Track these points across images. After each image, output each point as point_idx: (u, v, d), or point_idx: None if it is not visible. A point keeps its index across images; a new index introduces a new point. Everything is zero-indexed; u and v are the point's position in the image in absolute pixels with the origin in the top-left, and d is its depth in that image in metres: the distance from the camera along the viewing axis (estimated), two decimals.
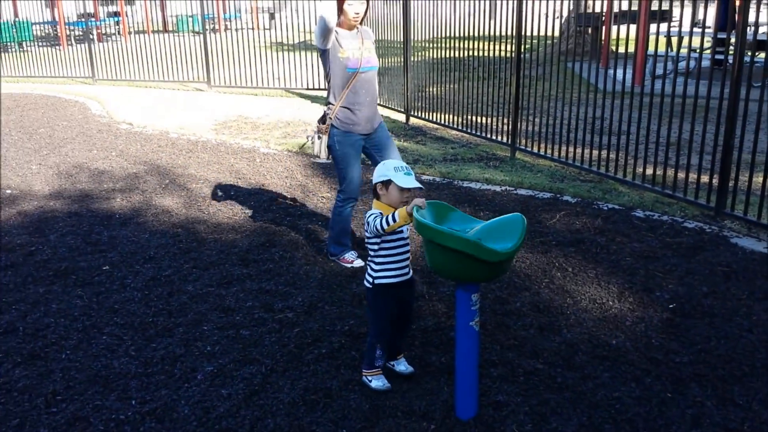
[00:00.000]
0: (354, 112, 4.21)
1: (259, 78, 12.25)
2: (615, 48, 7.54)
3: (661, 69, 8.54)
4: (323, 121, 4.32)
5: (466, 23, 7.76)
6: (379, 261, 3.03)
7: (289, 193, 5.99)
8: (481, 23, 7.50)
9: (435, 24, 8.32)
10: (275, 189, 6.11)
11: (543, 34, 7.14)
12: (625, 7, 11.30)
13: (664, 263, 4.34)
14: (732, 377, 3.11)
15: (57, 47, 18.85)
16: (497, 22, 7.14)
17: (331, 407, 2.96)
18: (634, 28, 9.98)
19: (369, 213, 2.96)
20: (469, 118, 8.00)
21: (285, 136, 8.42)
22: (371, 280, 3.05)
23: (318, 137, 4.34)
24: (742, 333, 3.47)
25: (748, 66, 4.93)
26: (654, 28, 10.55)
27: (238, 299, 3.99)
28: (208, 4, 12.54)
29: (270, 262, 4.51)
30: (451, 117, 8.30)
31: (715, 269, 4.23)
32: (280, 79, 12.34)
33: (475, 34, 7.62)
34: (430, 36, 8.51)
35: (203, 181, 6.37)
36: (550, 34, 14.17)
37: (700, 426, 2.79)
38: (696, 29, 5.75)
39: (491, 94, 7.50)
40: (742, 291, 3.93)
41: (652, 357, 3.30)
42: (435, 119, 8.64)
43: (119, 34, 22.59)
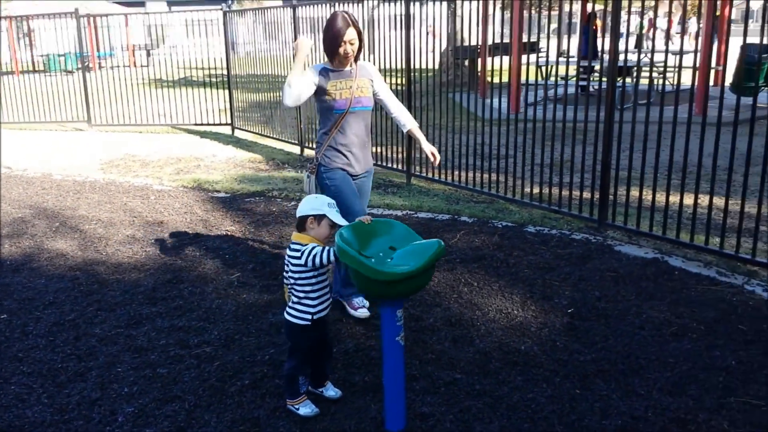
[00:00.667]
0: (342, 153, 3.95)
1: (142, 115, 11.96)
2: (491, 78, 8.02)
3: (533, 97, 9.16)
4: (312, 161, 4.08)
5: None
6: (316, 296, 3.04)
7: (190, 228, 5.91)
8: (373, 58, 7.77)
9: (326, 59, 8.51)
10: (174, 225, 6.00)
11: (426, 66, 7.51)
12: (498, 40, 11.99)
13: (558, 272, 4.66)
14: (631, 371, 3.40)
15: None
16: (386, 56, 7.43)
17: None
18: (507, 59, 10.64)
19: (308, 248, 2.94)
20: None
21: (178, 173, 8.28)
22: (309, 317, 3.04)
23: (307, 176, 4.08)
24: (635, 330, 3.80)
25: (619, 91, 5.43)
26: (525, 59, 11.27)
27: (151, 338, 3.91)
28: (81, 43, 12.10)
29: (179, 299, 4.44)
30: None
31: (605, 275, 4.59)
32: (164, 115, 12.09)
33: None
34: None
35: (96, 222, 6.15)
36: (431, 66, 14.75)
37: (609, 417, 3.03)
38: (561, 59, 6.26)
39: (383, 125, 7.76)
40: (631, 293, 4.29)
41: (558, 358, 3.54)
42: None
43: None
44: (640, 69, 8.17)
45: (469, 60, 12.64)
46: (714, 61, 10.56)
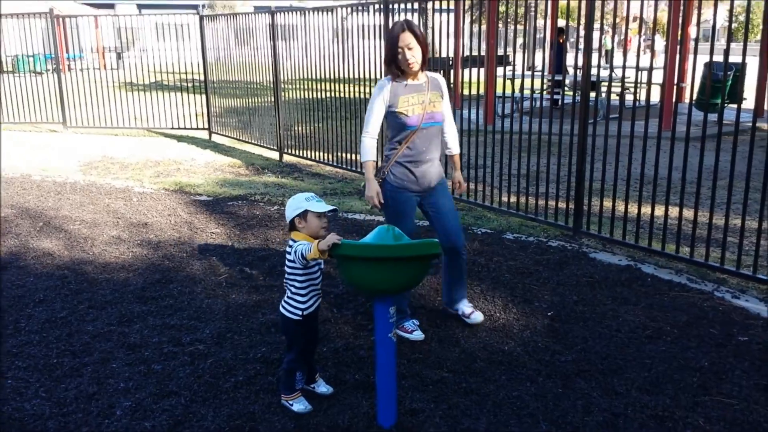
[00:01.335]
0: (410, 170, 3.78)
1: (118, 118, 11.92)
2: (468, 90, 8.22)
3: (508, 109, 9.40)
4: (379, 173, 3.87)
5: (334, 66, 8.15)
6: (305, 292, 3.15)
7: (176, 230, 5.97)
8: (348, 66, 7.92)
9: (303, 66, 8.65)
10: (159, 227, 6.05)
11: None
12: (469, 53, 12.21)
13: (537, 277, 4.84)
14: (610, 371, 3.57)
15: None
16: (365, 65, 7.58)
17: (257, 430, 3.07)
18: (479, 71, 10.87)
19: (296, 244, 3.05)
20: (341, 155, 8.34)
21: (158, 175, 8.30)
22: (300, 312, 3.15)
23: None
24: (612, 333, 3.99)
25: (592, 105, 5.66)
26: (498, 71, 11.52)
27: (143, 336, 3.97)
28: (54, 44, 12.03)
29: (169, 298, 4.51)
30: (323, 154, 8.60)
31: (581, 280, 4.79)
32: (139, 118, 12.05)
33: (347, 77, 8.02)
34: (300, 76, 8.81)
35: (80, 222, 6.17)
36: None
37: (591, 413, 3.19)
38: (532, 72, 6.48)
39: (359, 133, 7.89)
40: (607, 297, 4.49)
41: (540, 358, 3.71)
42: (309, 156, 8.90)
43: None
44: (611, 84, 8.45)
45: (442, 71, 12.86)
46: (680, 78, 10.95)
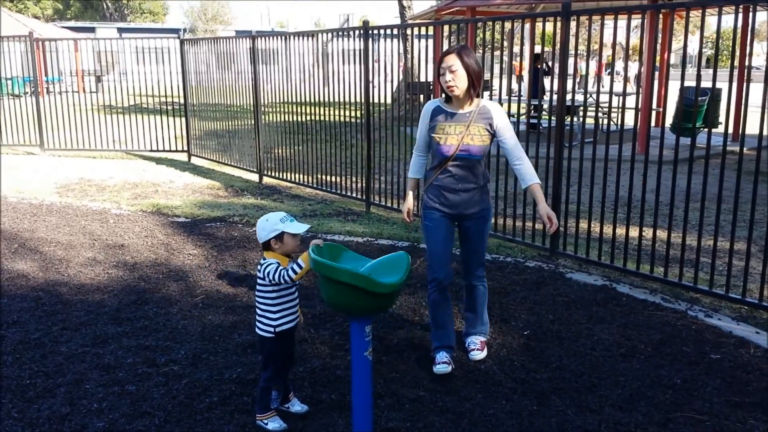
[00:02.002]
0: (444, 195, 3.70)
1: (96, 140, 11.88)
2: None
3: None
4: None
5: (314, 90, 8.22)
6: (277, 309, 3.15)
7: (152, 251, 5.94)
8: (328, 90, 8.00)
9: (284, 89, 8.71)
10: (135, 248, 6.01)
11: (380, 101, 7.78)
12: None
13: (514, 297, 4.88)
14: (585, 388, 3.60)
15: None
16: (345, 90, 7.66)
17: None
18: None
19: (266, 263, 3.07)
20: (320, 177, 8.38)
21: (136, 197, 8.27)
22: (272, 330, 3.15)
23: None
24: (587, 351, 4.02)
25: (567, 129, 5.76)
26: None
27: (117, 357, 3.93)
28: (33, 66, 12.00)
29: (144, 319, 4.47)
30: (303, 176, 8.64)
31: (557, 300, 4.83)
32: (118, 141, 12.02)
33: (325, 101, 8.10)
34: (281, 100, 8.86)
35: (56, 244, 6.12)
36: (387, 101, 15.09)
37: (565, 431, 3.21)
38: (509, 97, 6.58)
39: (342, 155, 7.97)
40: (582, 316, 4.53)
41: (516, 377, 3.73)
42: (288, 178, 8.92)
43: None
44: (586, 109, 8.59)
45: (424, 96, 12.98)
46: (654, 103, 11.17)
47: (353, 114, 7.85)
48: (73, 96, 12.92)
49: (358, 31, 7.46)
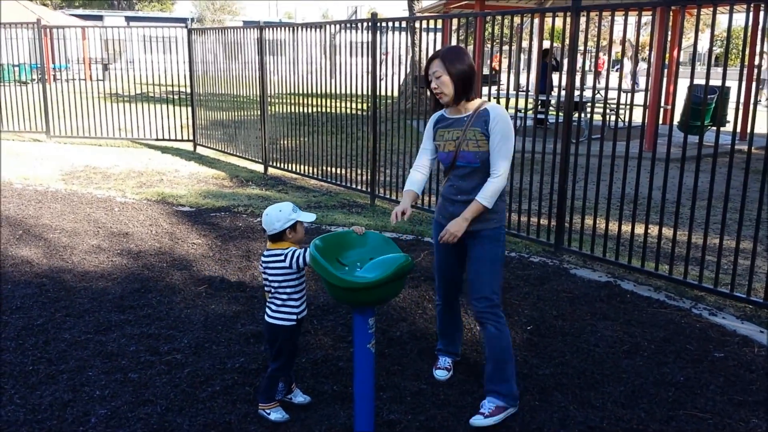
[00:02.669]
0: (445, 206, 3.40)
1: (102, 128, 11.88)
2: None
3: None
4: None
5: (321, 81, 8.21)
6: (299, 296, 3.15)
7: (156, 240, 5.94)
8: (336, 82, 7.98)
9: (290, 81, 8.69)
10: (140, 237, 6.02)
11: (386, 94, 7.76)
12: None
13: (518, 292, 4.86)
14: (587, 384, 3.59)
15: None
16: (352, 82, 7.63)
17: None
18: None
19: (289, 251, 3.04)
20: (326, 168, 8.37)
21: (141, 186, 8.27)
22: (295, 317, 3.14)
23: None
24: (590, 347, 4.01)
25: (575, 125, 5.73)
26: (484, 90, 11.65)
27: (120, 344, 3.94)
28: (41, 54, 12.00)
29: (148, 308, 4.48)
30: (308, 168, 8.63)
31: (561, 295, 4.81)
32: (124, 129, 12.03)
33: (331, 92, 8.08)
34: (287, 91, 8.85)
35: (60, 231, 6.13)
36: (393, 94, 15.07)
37: (567, 426, 3.20)
38: (517, 91, 6.55)
39: (347, 147, 7.95)
40: (586, 313, 4.52)
41: (519, 372, 3.69)
42: (293, 169, 8.91)
43: None
44: (594, 105, 8.55)
45: (429, 90, 12.95)
46: (663, 101, 11.13)
47: (359, 106, 7.84)
48: (79, 83, 12.95)
49: (366, 24, 7.43)
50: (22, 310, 4.38)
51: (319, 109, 8.37)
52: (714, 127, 11.63)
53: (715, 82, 6.40)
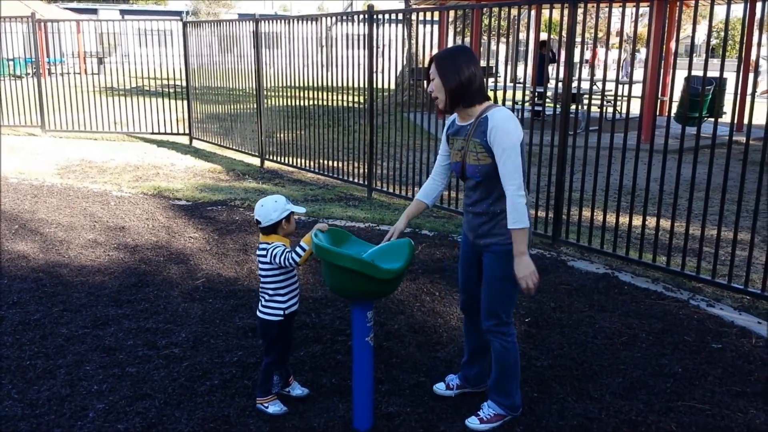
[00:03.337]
0: (465, 216, 3.25)
1: (97, 122, 11.84)
2: None
3: None
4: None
5: (317, 74, 8.18)
6: (285, 292, 3.14)
7: (153, 234, 5.92)
8: (333, 75, 7.95)
9: (286, 74, 8.66)
10: (136, 231, 6.00)
11: (383, 86, 7.74)
12: None
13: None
14: (585, 376, 3.59)
15: None
16: (348, 75, 7.61)
17: None
18: None
19: (271, 246, 3.05)
20: (322, 162, 8.36)
21: (137, 180, 8.25)
22: (282, 312, 3.14)
23: None
24: (588, 339, 4.01)
25: (572, 117, 5.71)
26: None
27: (118, 339, 3.93)
28: (35, 48, 11.94)
29: (145, 302, 4.46)
30: (304, 161, 8.61)
31: (559, 287, 4.81)
32: (119, 123, 11.99)
33: (328, 85, 8.05)
34: (283, 84, 8.82)
35: (56, 226, 6.10)
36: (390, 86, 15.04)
37: (565, 418, 3.20)
38: (513, 84, 6.52)
39: (344, 139, 7.93)
40: (584, 304, 4.52)
41: None
42: (290, 163, 8.89)
43: None
44: (591, 97, 8.53)
45: (427, 82, 12.93)
46: (660, 92, 11.10)
47: (356, 99, 7.82)
48: (74, 77, 12.87)
49: (363, 16, 7.39)
50: (19, 305, 4.36)
51: (315, 102, 8.35)
52: (711, 119, 11.63)
53: (712, 73, 6.38)
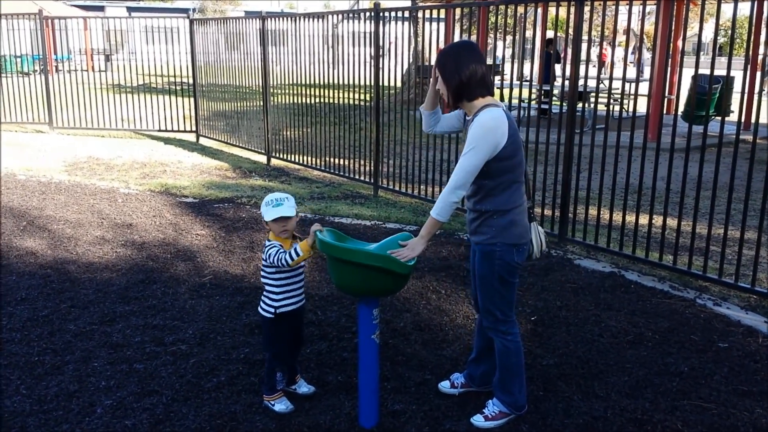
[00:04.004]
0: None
1: (105, 119, 11.88)
2: None
3: None
4: None
5: (324, 72, 8.19)
6: (280, 291, 3.15)
7: (160, 231, 5.94)
8: (339, 73, 7.96)
9: (293, 71, 8.67)
10: (144, 228, 6.03)
11: (389, 84, 7.75)
12: None
13: (522, 282, 4.86)
14: (591, 375, 3.60)
15: None
16: (355, 73, 7.61)
17: (239, 430, 3.06)
18: None
19: (269, 244, 3.07)
20: (329, 159, 8.37)
21: (144, 177, 8.28)
22: (273, 310, 3.15)
23: None
24: (594, 338, 4.01)
25: (578, 116, 5.71)
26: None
27: (125, 335, 3.95)
28: (43, 45, 11.99)
29: (152, 299, 4.49)
30: (311, 159, 8.62)
31: (565, 286, 4.81)
32: (126, 120, 12.03)
33: (334, 83, 8.06)
34: (290, 81, 8.83)
35: (64, 222, 6.14)
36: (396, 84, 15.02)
37: (571, 416, 3.21)
38: (520, 82, 6.52)
39: (350, 137, 7.95)
40: (590, 303, 4.52)
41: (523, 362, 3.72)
42: (296, 160, 8.91)
43: None
44: (598, 95, 8.53)
45: (433, 78, 12.90)
46: (667, 91, 11.07)
47: (362, 97, 7.82)
48: (82, 75, 12.94)
49: (369, 13, 7.40)
50: (27, 302, 4.39)
51: (321, 99, 8.36)
52: (718, 117, 11.60)
53: (719, 72, 6.36)
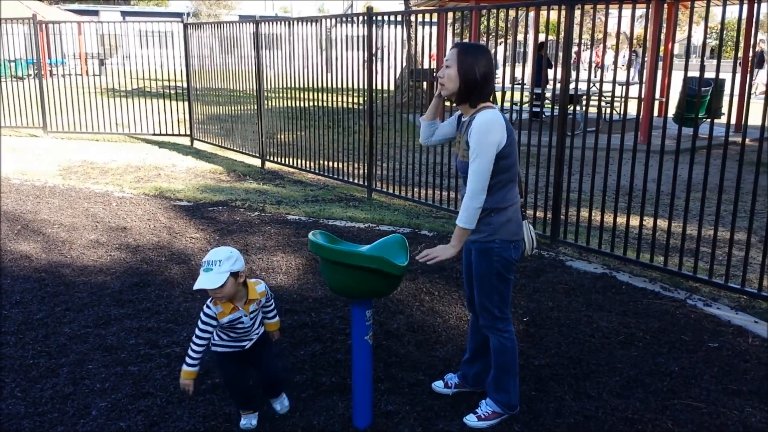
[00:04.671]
0: None
1: (99, 123, 11.88)
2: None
3: None
4: None
5: (317, 75, 8.22)
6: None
7: (155, 234, 5.96)
8: (332, 77, 7.99)
9: (287, 75, 8.70)
10: (138, 231, 6.04)
11: (383, 87, 7.79)
12: None
13: (514, 284, 4.88)
14: (583, 375, 3.63)
15: None
16: (349, 77, 7.65)
17: (232, 431, 3.08)
18: None
19: (203, 310, 2.99)
20: (323, 162, 8.40)
21: (138, 180, 8.29)
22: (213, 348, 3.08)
23: None
24: (585, 338, 4.05)
25: (570, 118, 5.75)
26: None
27: (120, 338, 3.97)
28: (37, 49, 12.00)
29: (147, 302, 4.50)
30: (305, 162, 8.65)
31: (557, 287, 4.85)
32: (120, 124, 12.04)
33: (328, 87, 8.10)
34: (284, 85, 8.86)
35: (58, 226, 6.15)
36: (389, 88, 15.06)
37: (563, 416, 3.24)
38: (513, 85, 6.56)
39: (344, 141, 7.98)
40: (581, 304, 4.55)
41: None
42: (290, 163, 8.94)
43: None
44: (589, 98, 8.58)
45: (427, 83, 12.94)
46: (657, 93, 11.14)
47: (356, 100, 7.86)
48: (76, 79, 12.93)
49: (362, 17, 7.44)
50: (22, 305, 4.41)
51: (315, 103, 8.39)
52: (709, 119, 11.69)
53: (710, 74, 6.41)
